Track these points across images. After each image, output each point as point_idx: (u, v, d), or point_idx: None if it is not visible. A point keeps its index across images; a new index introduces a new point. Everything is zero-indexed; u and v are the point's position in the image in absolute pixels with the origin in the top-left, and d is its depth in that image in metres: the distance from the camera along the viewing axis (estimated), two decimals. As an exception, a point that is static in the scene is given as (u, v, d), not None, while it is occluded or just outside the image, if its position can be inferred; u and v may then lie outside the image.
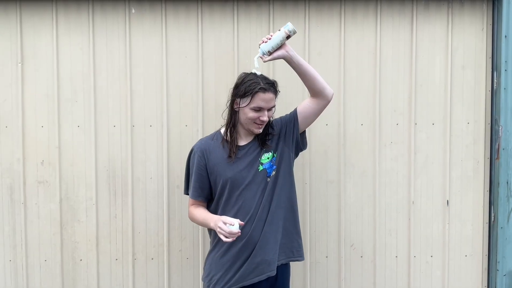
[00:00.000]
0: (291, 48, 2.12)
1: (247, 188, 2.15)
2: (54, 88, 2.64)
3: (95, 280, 2.72)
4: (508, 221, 2.69)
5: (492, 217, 2.73)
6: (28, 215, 2.70)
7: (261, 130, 2.16)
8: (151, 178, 2.70)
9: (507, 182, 2.68)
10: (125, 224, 2.71)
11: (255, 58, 2.13)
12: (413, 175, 2.74)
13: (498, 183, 2.68)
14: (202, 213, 2.23)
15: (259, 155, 2.18)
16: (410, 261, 2.76)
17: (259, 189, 2.15)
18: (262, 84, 2.07)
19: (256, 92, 2.06)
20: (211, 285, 2.19)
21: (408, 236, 2.76)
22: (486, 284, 2.79)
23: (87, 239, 2.71)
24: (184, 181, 2.34)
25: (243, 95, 2.09)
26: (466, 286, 2.79)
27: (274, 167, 2.18)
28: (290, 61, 2.12)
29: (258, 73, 2.12)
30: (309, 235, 2.73)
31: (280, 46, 2.09)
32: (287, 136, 2.22)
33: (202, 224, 2.27)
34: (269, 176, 2.18)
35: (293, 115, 2.23)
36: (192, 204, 2.29)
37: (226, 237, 1.99)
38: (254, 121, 2.11)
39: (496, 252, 2.70)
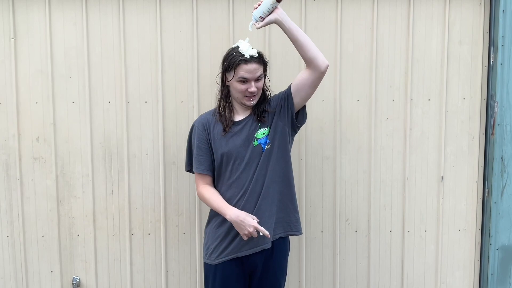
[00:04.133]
0: (283, 12, 2.09)
1: (242, 163, 2.16)
2: (48, 64, 2.62)
3: (92, 255, 2.75)
4: (501, 196, 2.71)
5: (486, 192, 2.75)
6: (25, 191, 2.71)
7: (253, 102, 2.15)
8: (147, 154, 2.70)
9: (502, 158, 2.69)
10: (121, 200, 2.72)
11: (249, 25, 2.13)
12: (408, 151, 2.75)
13: (493, 159, 2.70)
14: (217, 200, 2.19)
15: (255, 130, 2.19)
16: (404, 236, 2.80)
17: (253, 163, 2.16)
18: (243, 55, 2.07)
19: (238, 64, 2.07)
20: (207, 255, 2.23)
21: (402, 211, 2.78)
22: (479, 258, 2.83)
23: (84, 215, 2.72)
24: (186, 157, 2.35)
25: (228, 69, 2.12)
26: (459, 260, 2.83)
27: (268, 141, 2.19)
28: (281, 25, 2.09)
29: (243, 44, 2.11)
30: (304, 210, 2.76)
31: (272, 11, 2.07)
32: (282, 111, 2.21)
33: (214, 209, 2.24)
34: (263, 151, 2.18)
35: (287, 89, 2.22)
36: (201, 182, 2.26)
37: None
38: (244, 93, 2.11)
39: (489, 227, 2.73)
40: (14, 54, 2.61)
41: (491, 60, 2.69)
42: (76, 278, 2.74)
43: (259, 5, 2.08)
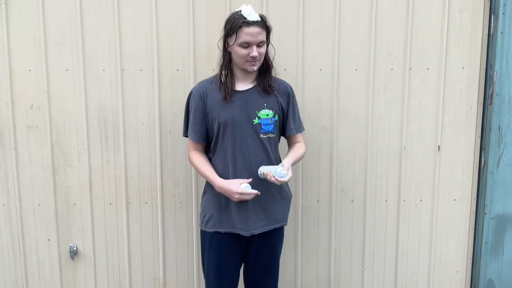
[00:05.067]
0: (287, 165, 2.10)
1: (238, 135, 2.13)
2: (41, 30, 2.56)
3: (89, 224, 2.76)
4: (498, 166, 2.72)
5: (482, 162, 2.76)
6: (20, 160, 2.69)
7: (255, 68, 2.11)
8: (143, 123, 2.68)
9: (499, 128, 2.69)
10: (118, 169, 2.71)
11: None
12: (406, 121, 2.73)
13: (490, 129, 2.69)
14: (206, 169, 2.20)
15: (258, 106, 2.15)
16: (400, 205, 2.81)
17: (249, 140, 2.13)
18: (245, 18, 2.02)
19: (240, 26, 2.02)
20: (203, 223, 2.24)
21: (398, 181, 2.79)
22: (473, 227, 2.85)
23: (80, 184, 2.72)
24: (183, 123, 2.32)
25: (230, 33, 2.07)
26: (453, 229, 2.85)
27: (271, 128, 2.17)
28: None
29: (246, 8, 2.06)
30: (301, 180, 2.76)
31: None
32: (283, 112, 2.25)
33: (203, 177, 2.26)
34: (263, 133, 2.15)
35: (287, 114, 2.27)
36: (192, 148, 2.27)
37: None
38: (245, 58, 2.07)
39: (485, 196, 2.75)
40: (6, 20, 2.55)
41: (492, 29, 2.65)
42: (74, 247, 2.75)
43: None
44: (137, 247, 2.79)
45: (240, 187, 2.05)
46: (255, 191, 2.06)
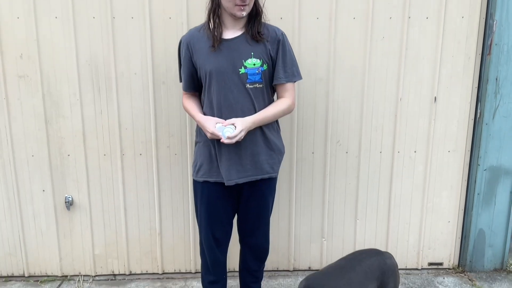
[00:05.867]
0: (244, 123, 2.03)
1: (224, 85, 2.07)
2: (27, -25, 2.47)
3: (84, 175, 2.75)
4: (493, 117, 2.71)
5: (478, 114, 2.75)
6: (11, 111, 2.65)
7: (244, 13, 2.03)
8: (135, 73, 2.63)
9: (496, 79, 2.66)
10: (111, 120, 2.68)
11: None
12: (403, 72, 2.69)
13: (487, 80, 2.66)
14: (191, 108, 2.20)
15: (245, 55, 2.07)
16: (394, 157, 2.82)
17: (235, 90, 2.07)
18: None
19: None
20: (194, 173, 2.23)
21: (393, 132, 2.78)
22: (466, 179, 2.88)
23: (73, 135, 2.69)
24: (178, 70, 2.28)
25: None
26: (446, 180, 2.88)
27: (259, 78, 2.10)
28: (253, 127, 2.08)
29: None
30: (296, 132, 2.74)
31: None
32: (273, 61, 2.14)
33: (191, 117, 2.25)
34: (249, 83, 2.08)
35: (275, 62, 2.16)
36: (184, 94, 2.26)
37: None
38: (234, 2, 1.99)
39: (479, 148, 2.76)
40: (-10, -36, 2.45)
41: (494, -24, 2.58)
42: (69, 197, 2.76)
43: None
44: (133, 198, 2.80)
45: (215, 126, 2.03)
46: (227, 122, 2.02)
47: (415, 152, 2.82)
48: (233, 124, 2.01)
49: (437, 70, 2.70)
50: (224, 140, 1.98)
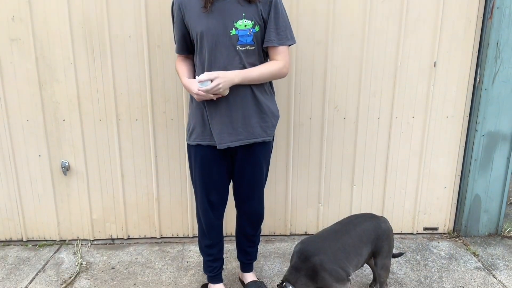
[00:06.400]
0: (227, 79, 1.96)
1: (214, 47, 2.01)
2: None
3: (80, 140, 2.74)
4: (493, 82, 2.68)
5: (478, 79, 2.71)
6: (5, 75, 2.61)
7: None
8: (129, 36, 2.57)
9: (497, 43, 2.61)
10: (106, 84, 2.65)
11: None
12: (403, 35, 2.65)
13: (488, 44, 2.62)
14: (180, 71, 2.16)
15: (236, 16, 2.00)
16: (392, 122, 2.80)
17: (226, 52, 2.02)
18: None
19: None
20: (187, 136, 2.21)
21: (392, 98, 2.76)
22: (464, 144, 2.87)
23: (68, 100, 2.66)
24: (173, 32, 2.22)
25: None
26: (444, 146, 2.87)
27: (250, 40, 2.03)
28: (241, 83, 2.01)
29: None
30: (294, 97, 2.72)
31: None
32: (265, 22, 2.06)
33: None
34: (240, 45, 2.02)
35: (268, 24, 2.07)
36: (179, 59, 2.21)
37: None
38: None
39: (477, 113, 2.74)
40: None
41: None
42: (65, 162, 2.75)
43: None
44: (130, 163, 2.80)
45: (195, 89, 1.99)
46: (204, 77, 1.96)
47: (413, 118, 2.80)
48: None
49: (438, 33, 2.65)
50: (200, 91, 1.95)
